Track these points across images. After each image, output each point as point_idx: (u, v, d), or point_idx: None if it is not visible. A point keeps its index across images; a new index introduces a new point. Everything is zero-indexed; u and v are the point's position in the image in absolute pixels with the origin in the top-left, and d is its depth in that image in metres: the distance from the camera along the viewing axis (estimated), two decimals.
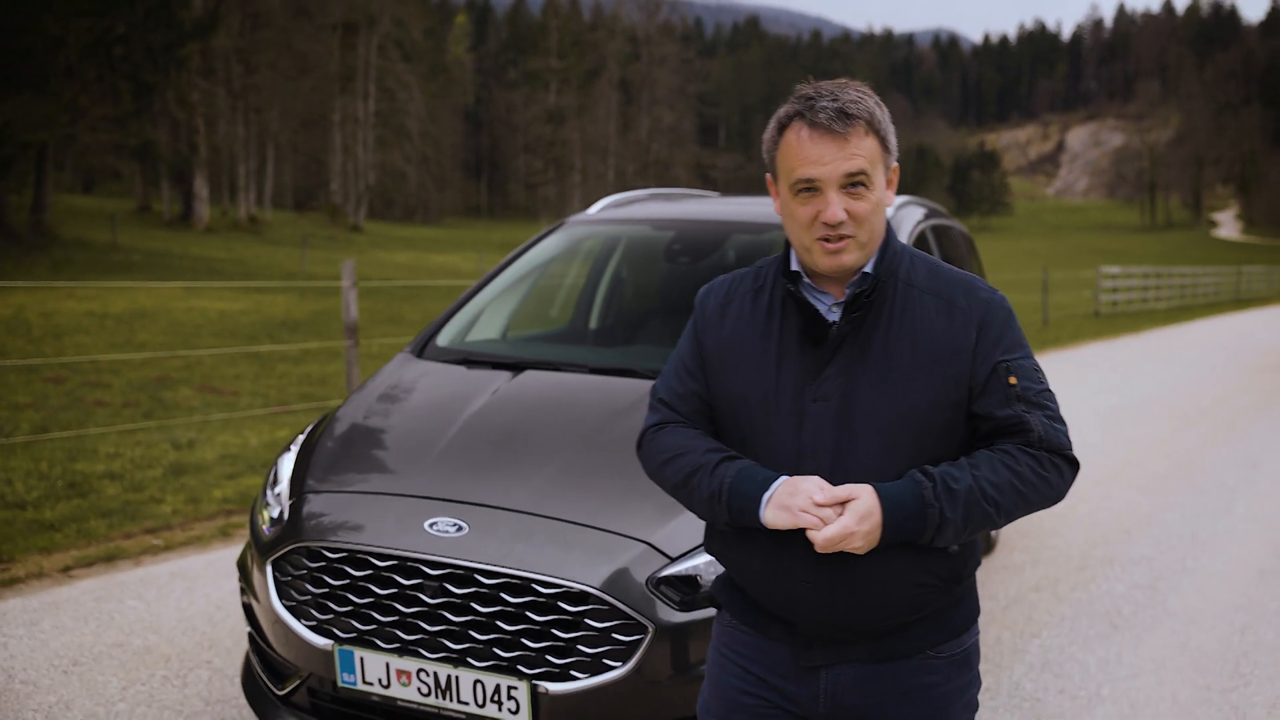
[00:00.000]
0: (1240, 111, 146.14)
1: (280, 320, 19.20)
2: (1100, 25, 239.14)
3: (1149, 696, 4.03)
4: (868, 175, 1.81)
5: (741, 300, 1.98)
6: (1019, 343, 1.88)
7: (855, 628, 1.86)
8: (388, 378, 3.74)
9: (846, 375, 1.83)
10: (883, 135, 1.84)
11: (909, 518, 1.75)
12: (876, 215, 1.84)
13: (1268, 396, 12.36)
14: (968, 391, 1.84)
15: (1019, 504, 1.81)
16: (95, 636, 4.29)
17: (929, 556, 1.83)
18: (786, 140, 1.85)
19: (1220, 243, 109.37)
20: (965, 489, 1.77)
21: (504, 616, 2.71)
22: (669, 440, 1.97)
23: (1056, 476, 1.84)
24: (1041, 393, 1.86)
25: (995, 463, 1.80)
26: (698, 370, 1.99)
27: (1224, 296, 38.66)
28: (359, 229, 62.64)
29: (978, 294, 1.89)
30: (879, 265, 1.88)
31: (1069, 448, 1.86)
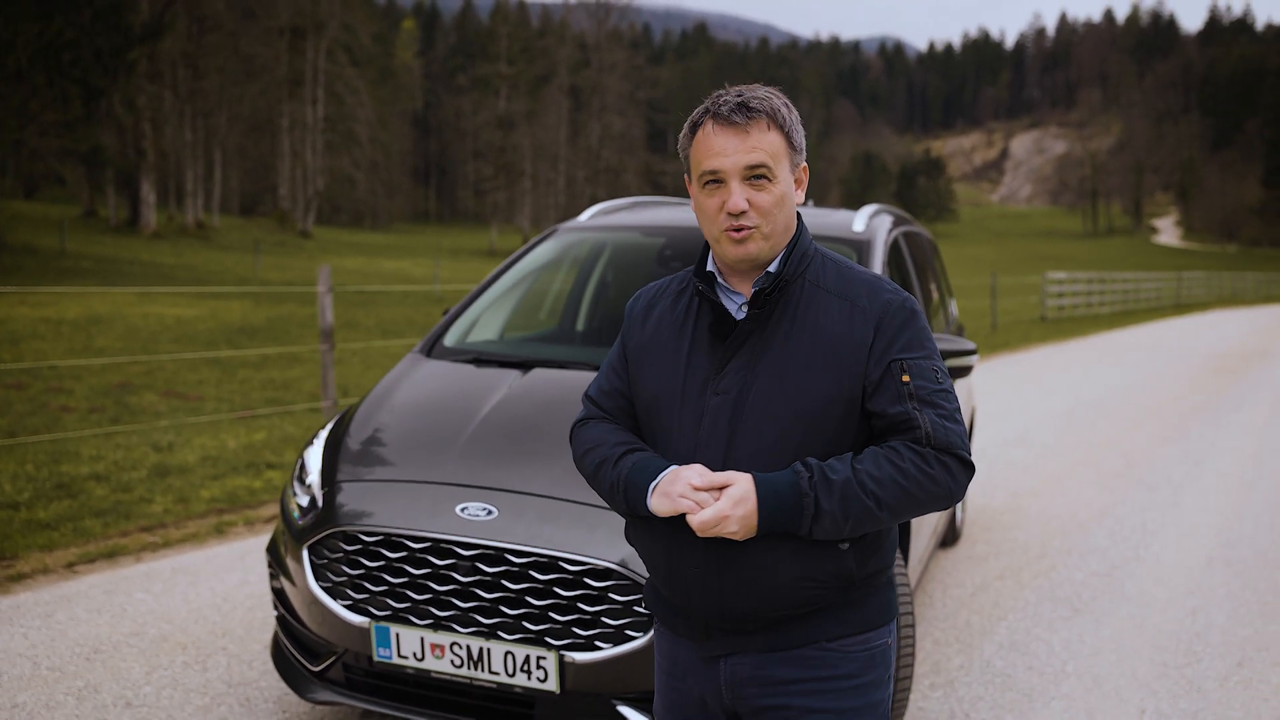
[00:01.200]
0: (1179, 120, 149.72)
1: (238, 326, 19.15)
2: (1043, 34, 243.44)
3: (1110, 672, 4.33)
4: (769, 169, 1.87)
5: (664, 302, 2.07)
6: (919, 342, 1.91)
7: (748, 617, 1.89)
8: (403, 376, 3.94)
9: (747, 370, 1.89)
10: (787, 131, 1.91)
11: (784, 506, 1.79)
12: (780, 208, 1.90)
13: (1210, 398, 12.87)
14: (861, 389, 1.88)
15: (903, 500, 1.82)
16: (110, 627, 4.45)
17: (814, 552, 1.86)
18: (697, 138, 1.93)
19: (1160, 249, 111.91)
20: (843, 480, 1.80)
21: (533, 592, 2.93)
22: (588, 434, 2.07)
23: (944, 474, 1.84)
24: (936, 392, 1.88)
25: (879, 457, 1.83)
26: (621, 369, 2.09)
27: (1165, 302, 39.69)
28: (308, 234, 62.21)
29: (881, 294, 1.93)
30: (784, 264, 1.93)
31: (960, 447, 1.86)
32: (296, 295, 26.26)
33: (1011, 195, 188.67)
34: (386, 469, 3.32)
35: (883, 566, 1.96)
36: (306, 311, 21.90)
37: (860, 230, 4.48)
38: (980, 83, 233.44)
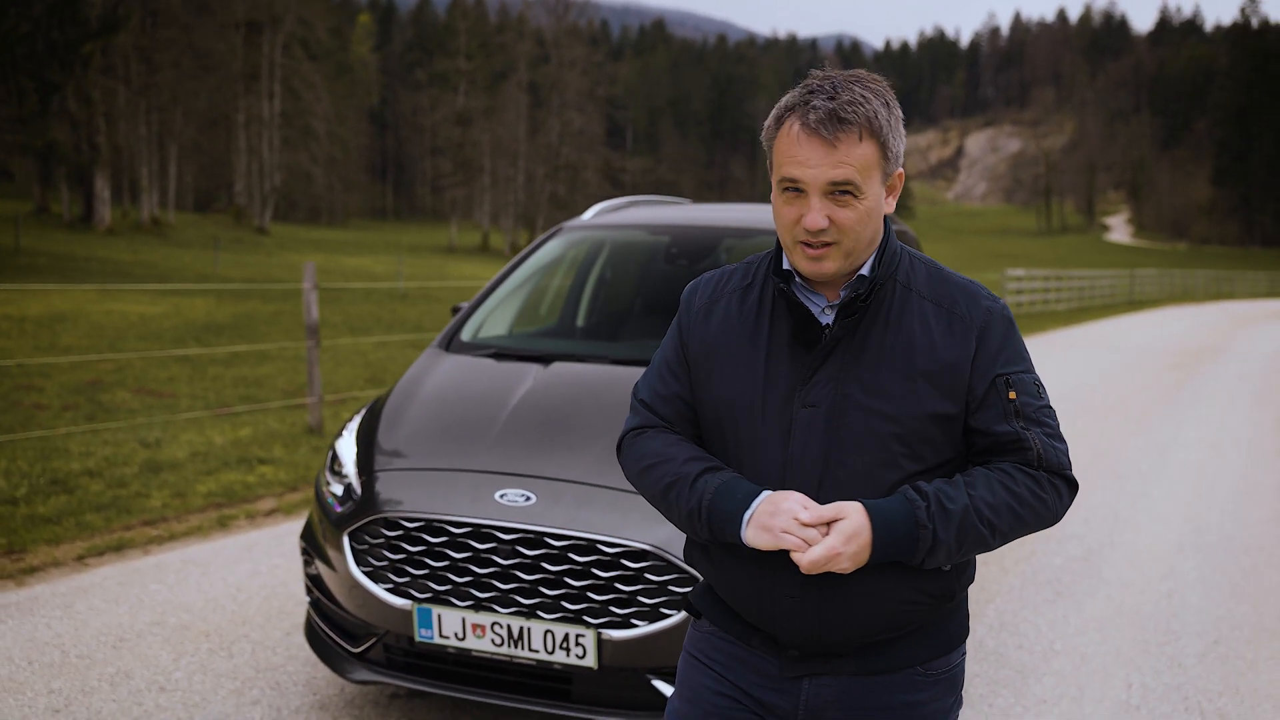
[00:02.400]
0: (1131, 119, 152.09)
1: (203, 323, 19.08)
2: (997, 33, 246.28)
3: (1096, 650, 4.56)
4: (855, 185, 1.70)
5: (729, 298, 1.89)
6: (1020, 355, 1.81)
7: (840, 642, 1.79)
8: (427, 370, 4.08)
9: (838, 381, 1.75)
10: (882, 141, 1.72)
11: (899, 539, 1.68)
12: (864, 224, 1.73)
13: (1168, 392, 13.25)
14: (964, 404, 1.76)
15: (1015, 526, 1.74)
16: (131, 616, 4.54)
17: (920, 574, 1.76)
18: (781, 133, 1.75)
19: (1112, 246, 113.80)
20: (960, 510, 1.69)
21: (571, 574, 3.09)
22: (649, 446, 1.89)
23: (1054, 498, 1.77)
24: (1041, 409, 1.79)
25: (993, 482, 1.73)
26: (681, 371, 1.91)
27: (1119, 299, 40.45)
28: (265, 231, 61.72)
29: (979, 301, 1.81)
30: (876, 267, 1.79)
31: (1068, 468, 1.79)
32: (259, 292, 26.16)
33: (967, 193, 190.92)
34: (424, 458, 3.46)
35: (972, 579, 1.89)
36: (271, 309, 21.84)
37: None
38: (936, 81, 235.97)
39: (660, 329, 4.61)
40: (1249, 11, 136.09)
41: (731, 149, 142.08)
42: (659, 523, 3.07)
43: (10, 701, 3.74)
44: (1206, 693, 4.12)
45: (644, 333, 4.54)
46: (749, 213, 4.99)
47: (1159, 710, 3.95)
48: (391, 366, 14.09)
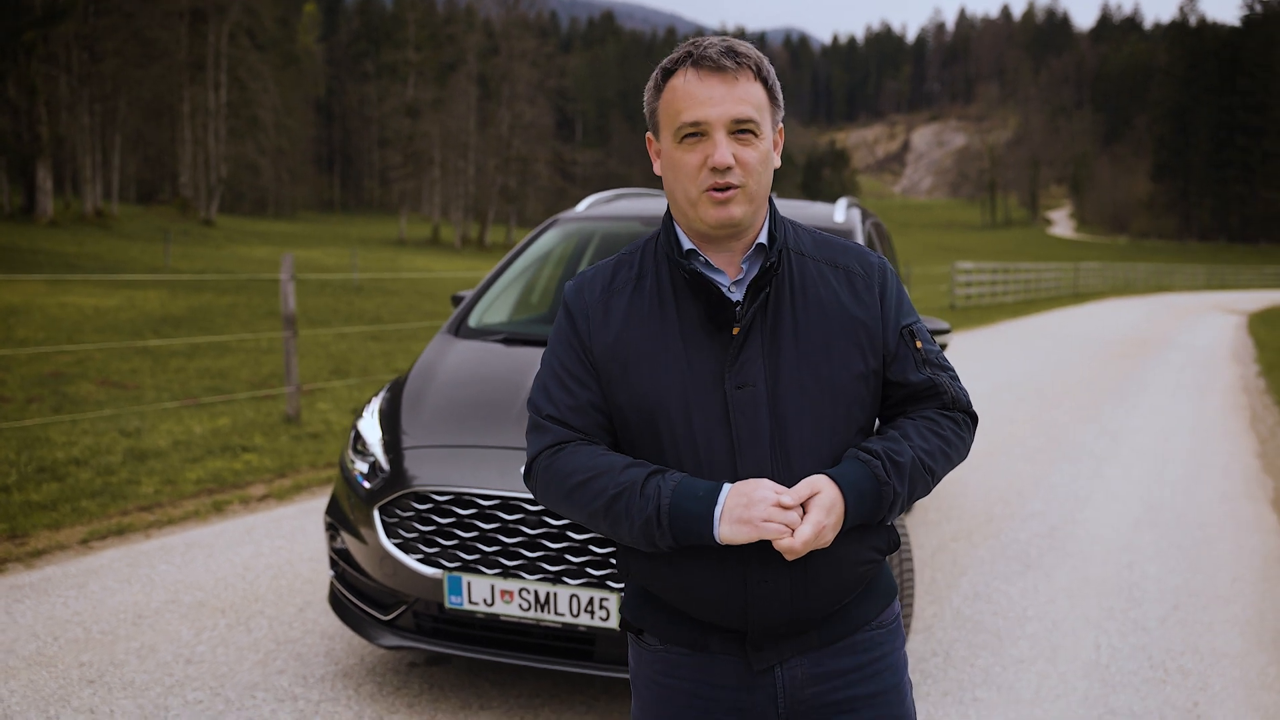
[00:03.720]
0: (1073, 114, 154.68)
1: (159, 316, 18.98)
2: (943, 29, 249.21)
3: (1065, 615, 4.86)
4: (756, 124, 1.71)
5: (623, 292, 1.81)
6: (911, 306, 1.88)
7: (807, 619, 1.76)
8: (441, 354, 4.27)
9: (766, 357, 1.72)
10: (770, 86, 1.75)
11: (868, 500, 1.70)
12: (764, 167, 1.73)
13: (1116, 380, 13.72)
14: (881, 359, 1.80)
15: (945, 466, 1.82)
16: (145, 595, 4.68)
17: (872, 532, 1.79)
18: (671, 86, 1.74)
19: (1055, 240, 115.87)
20: (909, 461, 1.74)
21: (595, 541, 3.30)
22: (574, 462, 1.75)
23: (968, 434, 1.88)
24: (939, 354, 1.87)
25: (924, 430, 1.80)
26: (587, 377, 1.80)
27: (1064, 291, 41.34)
28: (211, 223, 60.96)
29: (868, 258, 1.85)
30: (774, 235, 1.78)
31: (971, 405, 1.90)
32: (213, 284, 25.97)
33: (913, 187, 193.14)
34: (450, 436, 3.65)
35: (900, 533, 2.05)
36: (226, 301, 21.75)
37: (842, 221, 4.93)
38: (883, 76, 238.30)
39: None
40: (1187, 10, 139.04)
41: None
42: None
43: (44, 674, 3.88)
44: (1169, 652, 4.43)
45: None
46: None
47: (1126, 668, 4.25)
48: (354, 358, 14.17)
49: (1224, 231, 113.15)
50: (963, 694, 3.96)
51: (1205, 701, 3.96)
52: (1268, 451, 8.99)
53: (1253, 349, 19.13)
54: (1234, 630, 4.70)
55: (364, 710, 3.65)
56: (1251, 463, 8.50)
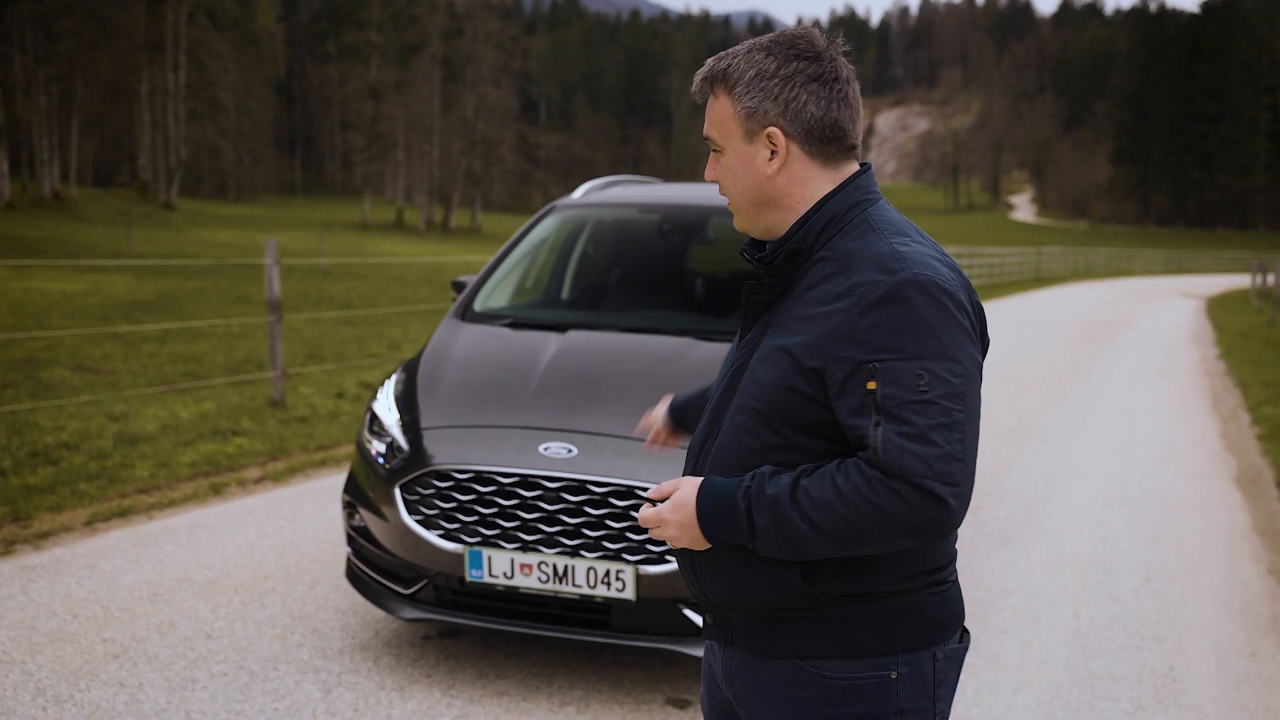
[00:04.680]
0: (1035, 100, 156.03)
1: (127, 301, 18.89)
2: (907, 13, 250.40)
3: (1045, 588, 5.08)
4: (714, 140, 1.75)
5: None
6: (902, 337, 1.55)
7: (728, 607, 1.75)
8: (452, 337, 4.40)
9: (750, 346, 1.75)
10: (734, 95, 1.70)
11: (720, 514, 1.64)
12: (731, 182, 1.74)
13: (1081, 363, 14.05)
14: (822, 385, 1.61)
15: (845, 529, 1.56)
16: (157, 574, 4.79)
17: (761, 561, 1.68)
18: None
19: (1017, 225, 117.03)
20: (774, 495, 1.59)
21: (611, 517, 3.46)
22: None
23: (896, 504, 1.53)
24: (910, 404, 1.53)
25: (825, 476, 1.58)
26: None
27: (1027, 275, 41.89)
28: (171, 206, 60.33)
29: (874, 275, 1.61)
30: (789, 237, 1.72)
31: (919, 475, 1.52)
32: (179, 269, 25.80)
33: (877, 171, 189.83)
34: (469, 416, 3.79)
35: (875, 590, 1.66)
36: (193, 286, 21.67)
37: None
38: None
39: (656, 301, 4.99)
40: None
41: (646, 125, 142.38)
42: None
43: (69, 649, 3.99)
44: (1144, 621, 4.66)
45: (648, 304, 4.91)
46: None
47: (1104, 636, 4.48)
48: (328, 343, 14.22)
49: (1182, 217, 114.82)
50: None
51: (1180, 666, 4.18)
52: (1229, 432, 9.30)
53: (1211, 333, 19.59)
54: (1204, 600, 4.94)
55: (385, 680, 3.80)
56: (1215, 442, 8.80)
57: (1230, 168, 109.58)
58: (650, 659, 4.03)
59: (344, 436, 7.99)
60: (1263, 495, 6.99)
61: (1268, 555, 5.66)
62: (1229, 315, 23.84)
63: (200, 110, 67.16)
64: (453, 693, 3.72)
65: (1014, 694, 3.89)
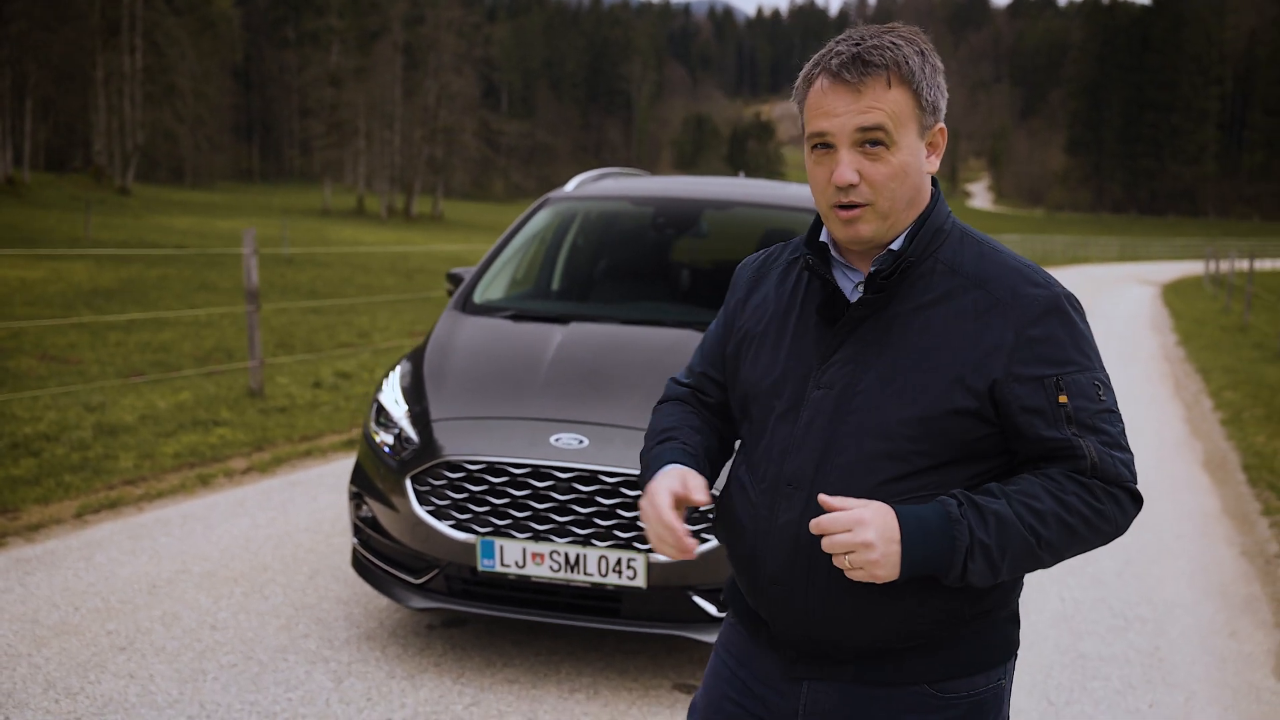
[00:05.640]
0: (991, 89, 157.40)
1: (89, 289, 18.66)
2: (865, 3, 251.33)
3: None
4: (887, 132, 1.58)
5: (773, 274, 1.82)
6: (1075, 350, 1.59)
7: (840, 646, 1.65)
8: (454, 329, 4.44)
9: (856, 364, 1.62)
10: (915, 88, 1.61)
11: (931, 538, 1.50)
12: (899, 182, 1.61)
13: None
14: (991, 401, 1.58)
15: (1067, 538, 1.55)
16: (155, 566, 4.80)
17: (921, 585, 1.58)
18: (809, 93, 1.65)
19: (975, 212, 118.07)
20: (998, 509, 1.52)
21: (623, 506, 3.52)
22: (655, 419, 1.91)
23: (1114, 510, 1.58)
24: (1100, 414, 1.58)
25: (1036, 486, 1.55)
26: (715, 351, 1.89)
27: None
28: (127, 192, 59.44)
29: (1027, 286, 1.60)
30: (909, 243, 1.64)
31: (1130, 479, 1.59)
32: (140, 256, 25.51)
33: None
34: (479, 408, 3.84)
35: (1005, 601, 1.68)
36: (155, 273, 21.44)
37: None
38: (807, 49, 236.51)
39: (650, 292, 5.05)
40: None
41: (607, 112, 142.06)
42: None
43: (74, 641, 3.99)
44: (1127, 603, 4.80)
45: (643, 296, 4.97)
46: (726, 185, 5.45)
47: (1090, 617, 4.61)
48: (297, 332, 14.15)
49: (1135, 204, 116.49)
50: None
51: (1165, 646, 4.32)
52: (1193, 417, 9.52)
53: (1169, 319, 19.95)
54: (1182, 582, 5.09)
55: (394, 669, 3.84)
56: (1180, 428, 9.01)
57: (1181, 157, 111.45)
58: (656, 646, 4.11)
59: (327, 427, 7.99)
60: (1229, 479, 7.18)
61: (1239, 537, 5.83)
62: (1185, 302, 24.28)
63: (157, 95, 66.16)
64: (463, 681, 3.77)
65: None
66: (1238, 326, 17.67)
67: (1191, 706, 3.79)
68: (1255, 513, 6.30)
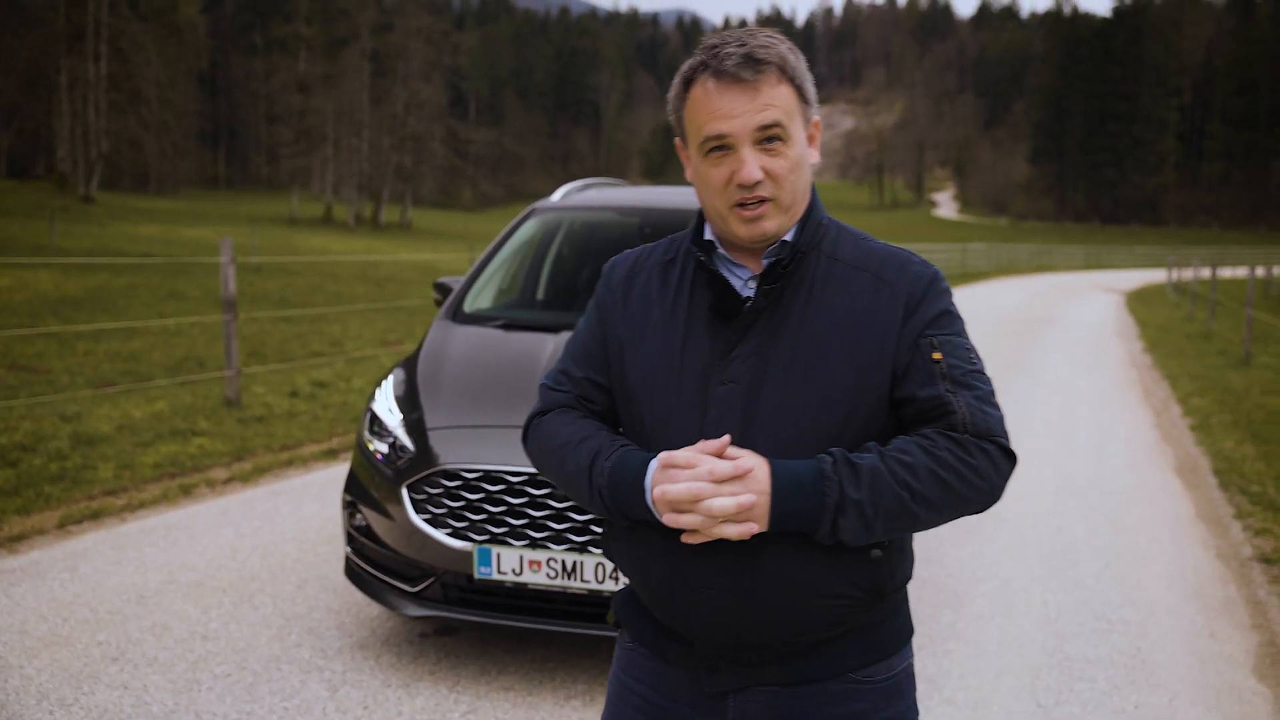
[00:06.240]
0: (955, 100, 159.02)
1: (56, 298, 18.48)
2: (831, 13, 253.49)
3: (1013, 575, 5.28)
4: (784, 128, 1.62)
5: (649, 273, 1.79)
6: (950, 318, 1.69)
7: (763, 647, 1.64)
8: (446, 338, 4.46)
9: (758, 356, 1.64)
10: (799, 84, 1.66)
11: (801, 490, 1.54)
12: (797, 174, 1.65)
13: (1016, 357, 14.44)
14: (891, 376, 1.64)
15: (941, 494, 1.57)
16: (141, 577, 4.77)
17: (845, 562, 1.61)
18: (693, 96, 1.66)
19: (940, 221, 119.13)
20: (870, 466, 1.56)
21: None
22: (549, 428, 1.79)
23: (986, 464, 1.60)
24: (971, 373, 1.65)
25: (909, 444, 1.60)
26: (597, 353, 1.81)
27: (953, 271, 42.69)
28: (91, 200, 58.83)
29: (909, 268, 1.69)
30: (800, 235, 1.69)
31: (1001, 434, 1.63)
32: (107, 265, 25.27)
33: None
34: (474, 416, 3.86)
35: (909, 575, 1.74)
36: (123, 282, 21.26)
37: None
38: None
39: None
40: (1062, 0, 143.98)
41: (575, 121, 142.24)
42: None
43: (65, 653, 3.97)
44: (1109, 605, 4.88)
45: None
46: None
47: (1075, 619, 4.68)
48: (269, 341, 14.08)
49: (1097, 213, 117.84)
50: (935, 647, 4.33)
51: (1147, 648, 4.40)
52: (1163, 423, 9.67)
53: (1134, 326, 20.22)
54: (1161, 585, 5.18)
55: (389, 678, 3.85)
56: (1150, 433, 9.14)
57: (1142, 167, 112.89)
58: None
59: (306, 436, 7.96)
60: (1201, 483, 7.30)
61: (1214, 541, 5.94)
62: (1149, 309, 24.62)
63: (121, 102, 65.54)
64: (459, 689, 3.79)
65: (997, 677, 4.07)
66: (1202, 334, 17.94)
67: (1176, 706, 3.87)
68: (1228, 516, 6.41)
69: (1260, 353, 14.64)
